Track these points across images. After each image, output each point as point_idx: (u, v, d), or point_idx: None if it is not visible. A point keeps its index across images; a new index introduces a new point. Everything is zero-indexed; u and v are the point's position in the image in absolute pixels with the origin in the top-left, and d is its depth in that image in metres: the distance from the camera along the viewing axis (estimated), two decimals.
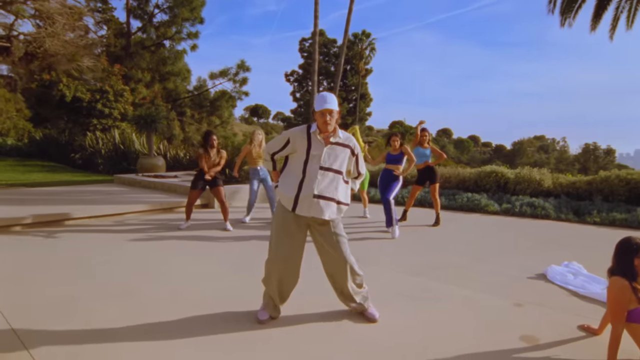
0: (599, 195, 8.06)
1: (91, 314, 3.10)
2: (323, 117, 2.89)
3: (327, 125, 2.90)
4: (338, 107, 2.96)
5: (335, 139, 2.99)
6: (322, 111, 2.90)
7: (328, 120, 2.89)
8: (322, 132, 2.95)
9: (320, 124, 2.93)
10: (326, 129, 2.92)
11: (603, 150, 76.60)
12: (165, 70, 23.71)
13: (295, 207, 2.92)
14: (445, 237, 6.10)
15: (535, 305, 3.50)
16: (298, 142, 2.98)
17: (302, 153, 2.96)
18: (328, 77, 48.22)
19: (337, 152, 2.99)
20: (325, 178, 2.92)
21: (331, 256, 3.03)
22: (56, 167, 16.98)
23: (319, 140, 2.95)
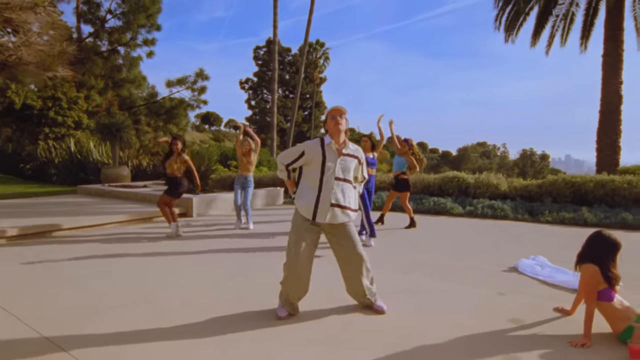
0: (548, 197, 8.97)
1: (112, 320, 3.23)
2: (334, 119, 3.24)
3: (339, 125, 3.23)
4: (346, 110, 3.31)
5: (347, 150, 3.31)
6: (333, 112, 3.27)
7: (339, 120, 3.23)
8: (334, 137, 3.26)
9: (332, 126, 3.25)
10: (338, 131, 3.24)
11: (539, 156, 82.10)
12: (120, 77, 23.03)
13: (315, 217, 3.25)
14: (422, 239, 6.60)
15: (515, 294, 4.02)
16: (313, 154, 3.27)
17: (317, 165, 3.25)
18: (283, 85, 48.56)
19: (348, 163, 3.31)
20: (339, 187, 3.25)
21: (348, 255, 3.36)
22: (4, 178, 16.09)
23: (333, 152, 3.25)
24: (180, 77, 23.49)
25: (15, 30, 6.13)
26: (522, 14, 16.73)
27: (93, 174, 14.15)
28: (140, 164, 14.94)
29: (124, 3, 21.98)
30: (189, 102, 24.23)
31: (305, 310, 3.47)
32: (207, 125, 77.04)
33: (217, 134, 67.79)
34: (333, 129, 3.26)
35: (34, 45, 6.52)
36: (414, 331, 3.14)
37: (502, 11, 16.97)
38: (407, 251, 5.76)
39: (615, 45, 14.62)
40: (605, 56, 14.82)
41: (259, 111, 49.22)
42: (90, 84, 20.80)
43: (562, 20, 16.95)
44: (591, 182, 8.62)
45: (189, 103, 24.26)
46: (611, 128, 14.51)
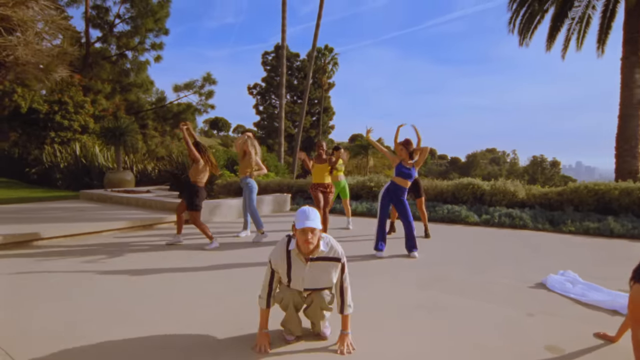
0: (570, 206, 8.50)
1: (91, 344, 2.87)
2: (304, 235, 2.69)
3: (309, 244, 2.70)
4: (321, 225, 2.77)
5: (317, 254, 2.80)
6: (304, 229, 2.68)
7: (310, 239, 2.69)
8: (303, 252, 2.77)
9: (301, 243, 2.72)
10: (307, 249, 2.73)
11: (549, 162, 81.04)
12: (128, 81, 22.98)
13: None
14: (437, 249, 6.19)
15: (546, 315, 3.59)
16: (279, 265, 2.86)
17: (283, 275, 2.87)
18: (291, 91, 48.42)
19: (321, 269, 2.83)
20: (310, 297, 2.91)
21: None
22: (9, 182, 15.95)
23: (298, 260, 2.81)
24: (187, 82, 23.39)
25: (12, 29, 5.91)
26: (537, 16, 16.28)
27: (97, 179, 13.93)
28: (145, 169, 14.70)
29: (132, 7, 21.96)
30: (196, 107, 24.09)
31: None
32: (216, 130, 77.21)
33: (226, 139, 67.79)
34: (301, 244, 2.74)
35: (32, 45, 6.27)
36: (434, 356, 2.74)
37: (516, 13, 16.53)
38: (422, 263, 5.34)
39: (634, 48, 14.11)
40: (624, 59, 14.30)
41: (267, 116, 49.09)
42: (98, 88, 20.71)
43: (578, 24, 16.47)
44: (616, 189, 8.13)
45: (196, 107, 24.13)
46: (631, 133, 13.96)
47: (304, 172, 36.18)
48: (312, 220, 2.68)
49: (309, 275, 2.81)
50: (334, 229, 7.44)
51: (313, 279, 2.83)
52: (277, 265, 2.85)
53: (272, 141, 42.57)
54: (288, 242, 2.85)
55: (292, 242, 2.82)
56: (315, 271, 2.82)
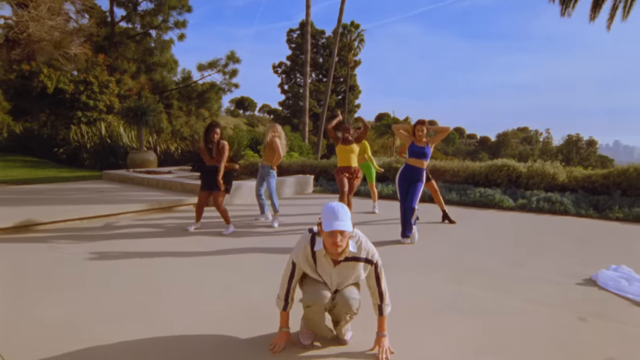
0: (617, 190, 7.80)
1: (92, 340, 2.61)
2: (332, 237, 2.31)
3: (337, 247, 2.33)
4: (352, 227, 2.38)
5: (345, 255, 2.44)
6: (333, 232, 2.30)
7: (339, 242, 2.31)
8: (331, 254, 2.41)
9: (328, 245, 2.35)
10: (336, 252, 2.37)
11: (585, 142, 77.56)
12: (152, 61, 22.88)
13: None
14: (469, 237, 5.72)
15: (600, 319, 3.13)
16: (302, 265, 2.55)
17: (309, 272, 2.57)
18: (317, 69, 47.58)
19: (349, 269, 2.52)
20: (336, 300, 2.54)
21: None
22: (39, 162, 16.19)
23: (325, 262, 2.48)
24: (211, 60, 23.09)
25: (24, 4, 5.66)
26: None
27: (122, 159, 13.93)
28: (168, 149, 14.60)
29: None
30: (220, 86, 23.82)
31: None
32: (242, 110, 77.30)
33: (252, 119, 67.88)
34: (329, 248, 2.37)
35: (44, 21, 6.01)
36: None
37: None
38: (452, 254, 4.88)
39: None
40: None
41: (291, 95, 48.54)
42: (123, 67, 20.68)
43: None
44: None
45: (220, 87, 23.86)
46: None
47: (328, 152, 35.69)
48: (341, 221, 2.30)
49: (336, 275, 2.52)
50: (359, 213, 7.04)
51: (341, 279, 2.55)
52: (301, 264, 2.55)
53: (296, 120, 42.12)
54: (312, 239, 2.49)
55: (318, 242, 2.45)
56: (343, 271, 2.53)
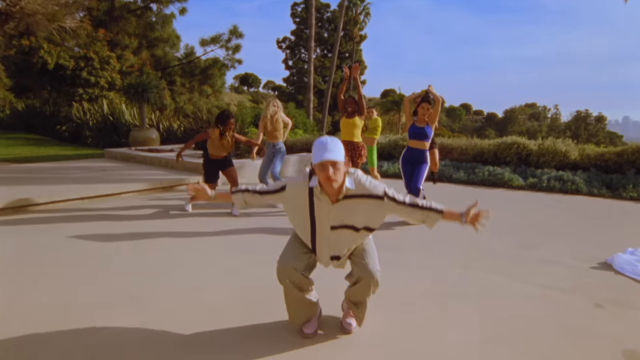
0: (631, 168, 7.56)
1: (89, 327, 2.51)
2: (324, 170, 2.06)
3: (332, 182, 2.07)
4: (345, 157, 2.15)
5: (344, 193, 2.17)
6: (323, 164, 2.06)
7: (331, 175, 2.05)
8: (326, 191, 2.17)
9: (323, 181, 2.10)
10: (332, 188, 2.11)
11: (594, 118, 76.27)
12: (153, 36, 22.39)
13: (315, 252, 2.41)
14: None
15: (617, 307, 2.99)
16: (296, 196, 2.27)
17: (304, 212, 2.27)
18: (321, 44, 46.66)
19: (352, 206, 2.21)
20: (340, 236, 2.29)
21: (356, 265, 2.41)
22: (41, 140, 16.07)
23: (322, 201, 2.21)
24: (214, 35, 22.48)
25: None
26: None
27: (125, 137, 13.78)
28: (171, 126, 14.40)
29: None
30: (223, 62, 23.34)
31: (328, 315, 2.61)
32: (246, 86, 76.48)
33: (256, 96, 67.15)
34: (324, 183, 2.12)
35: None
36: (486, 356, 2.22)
37: None
38: (457, 235, 4.71)
39: None
40: None
41: (296, 71, 47.81)
42: (125, 43, 20.27)
43: None
44: None
45: (223, 62, 23.38)
46: None
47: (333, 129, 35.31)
48: (331, 152, 2.06)
49: (334, 213, 2.21)
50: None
51: (341, 214, 2.22)
52: (294, 194, 2.27)
53: (301, 97, 41.57)
54: (310, 176, 2.24)
55: (313, 179, 2.19)
56: (342, 209, 2.21)
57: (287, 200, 2.32)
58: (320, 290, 2.57)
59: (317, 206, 2.22)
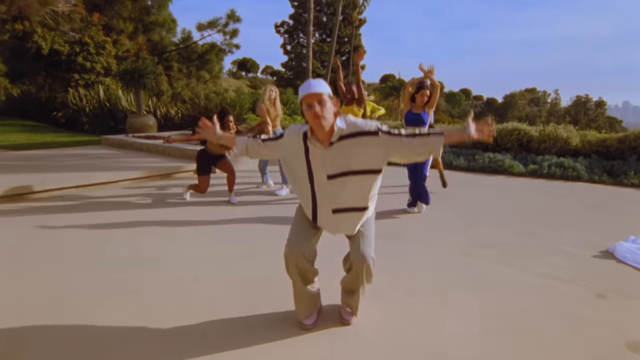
0: (633, 154, 7.49)
1: (83, 316, 2.47)
2: (310, 108, 1.98)
3: (320, 119, 1.98)
4: (330, 91, 2.07)
5: (337, 134, 2.07)
6: (307, 98, 1.98)
7: (318, 111, 1.97)
8: (317, 133, 2.07)
9: (311, 121, 2.01)
10: (320, 126, 2.00)
11: (594, 103, 75.85)
12: (149, 20, 22.01)
13: (315, 220, 2.31)
14: (476, 205, 5.52)
15: (620, 297, 2.95)
16: (292, 145, 2.19)
17: (301, 163, 2.18)
18: (320, 28, 46.05)
19: (349, 147, 2.09)
20: (341, 185, 2.15)
21: (351, 249, 2.33)
22: (38, 126, 15.92)
23: (316, 146, 2.11)
24: (211, 20, 22.20)
25: None
26: None
27: (122, 123, 13.64)
28: (168, 112, 14.25)
29: None
30: (221, 47, 23.05)
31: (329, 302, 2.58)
32: (244, 71, 75.73)
33: (254, 81, 66.55)
34: (312, 123, 2.03)
35: None
36: (487, 349, 2.19)
37: None
38: (458, 224, 4.67)
39: None
40: None
41: (294, 56, 47.31)
42: (120, 27, 19.94)
43: None
44: None
45: (220, 47, 23.09)
46: None
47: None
48: (314, 87, 2.01)
49: (330, 157, 2.10)
50: None
51: (338, 160, 2.10)
52: (291, 143, 2.20)
53: (299, 82, 41.21)
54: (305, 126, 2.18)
55: (306, 126, 2.14)
56: (338, 152, 2.09)
57: (285, 149, 2.25)
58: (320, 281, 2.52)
59: (312, 153, 2.13)
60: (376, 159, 2.12)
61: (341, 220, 2.25)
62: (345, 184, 2.15)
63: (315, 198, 2.23)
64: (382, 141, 2.08)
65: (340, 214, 2.23)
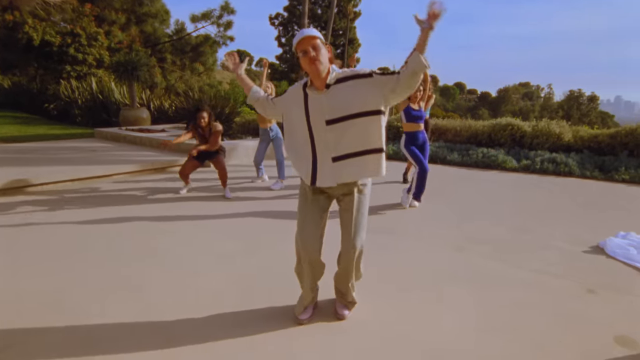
0: (624, 150, 7.59)
1: (82, 312, 2.49)
2: (305, 55, 2.08)
3: (315, 62, 2.06)
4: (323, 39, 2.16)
5: (333, 78, 2.16)
6: (301, 44, 2.09)
7: (312, 54, 2.06)
8: (315, 81, 2.16)
9: (307, 66, 2.10)
10: (317, 71, 2.08)
11: (587, 97, 76.27)
12: (142, 11, 21.75)
13: (315, 180, 2.27)
14: (471, 200, 5.57)
15: (610, 292, 3.01)
16: (293, 96, 2.29)
17: (300, 112, 2.24)
18: (315, 21, 45.75)
19: (345, 90, 2.15)
20: (341, 132, 2.17)
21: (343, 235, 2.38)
22: (30, 118, 15.75)
23: (314, 93, 2.18)
24: (205, 11, 21.98)
25: None
26: None
27: (115, 115, 13.53)
28: (162, 105, 14.16)
29: None
30: (215, 39, 22.88)
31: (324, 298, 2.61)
32: None
33: (248, 73, 65.65)
34: (309, 69, 2.12)
35: None
36: (481, 344, 2.23)
37: None
38: (452, 219, 4.72)
39: None
40: None
41: (289, 49, 47.03)
42: (112, 18, 19.69)
43: None
44: None
45: (214, 39, 22.92)
46: None
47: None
48: (307, 32, 2.12)
49: (327, 99, 2.16)
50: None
51: (336, 104, 2.15)
52: (291, 95, 2.31)
53: (295, 75, 41.07)
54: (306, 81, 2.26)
55: (306, 79, 2.25)
56: (335, 94, 2.15)
57: (287, 102, 2.34)
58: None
59: (311, 100, 2.20)
60: (373, 99, 2.15)
61: (342, 167, 2.23)
62: (345, 130, 2.17)
63: (315, 150, 2.25)
64: (377, 82, 2.13)
65: (341, 161, 2.22)
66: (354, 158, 2.21)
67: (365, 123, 2.16)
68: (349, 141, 2.19)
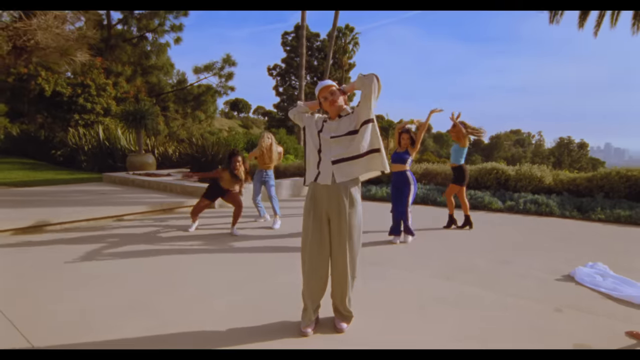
0: (600, 192, 8.16)
1: (108, 332, 2.88)
2: (326, 99, 2.89)
3: (334, 103, 2.87)
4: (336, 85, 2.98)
5: (345, 112, 2.95)
6: (323, 91, 2.91)
7: (330, 97, 2.87)
8: (331, 114, 2.95)
9: (328, 107, 2.92)
10: (335, 110, 2.89)
11: (577, 144, 78.24)
12: (148, 64, 23.06)
13: (317, 176, 2.89)
14: (460, 238, 6.03)
15: (575, 311, 3.44)
16: (316, 121, 3.00)
17: (316, 130, 2.96)
18: (312, 72, 47.88)
19: (345, 121, 2.91)
20: (340, 143, 2.87)
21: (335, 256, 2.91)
22: (37, 164, 16.32)
23: (329, 123, 2.95)
24: (207, 64, 23.32)
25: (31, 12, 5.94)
26: None
27: (121, 161, 14.14)
28: (166, 151, 14.81)
29: None
30: (216, 89, 24.06)
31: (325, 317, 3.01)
32: (236, 112, 77.27)
33: (246, 121, 67.95)
34: (329, 109, 2.94)
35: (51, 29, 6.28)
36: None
37: None
38: (444, 252, 5.19)
39: None
40: None
41: (286, 98, 48.84)
42: (119, 70, 20.85)
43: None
44: None
45: (216, 89, 24.11)
46: None
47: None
48: (325, 82, 2.95)
49: (335, 125, 2.89)
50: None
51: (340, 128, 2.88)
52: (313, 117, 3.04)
53: (292, 123, 42.39)
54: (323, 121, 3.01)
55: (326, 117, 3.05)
56: (341, 122, 2.90)
57: (311, 121, 3.01)
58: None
59: (326, 125, 2.94)
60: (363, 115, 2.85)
61: (338, 169, 2.85)
62: (342, 141, 2.86)
63: (320, 156, 2.90)
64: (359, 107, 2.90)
65: (337, 164, 2.85)
66: (346, 162, 2.85)
67: (360, 134, 2.83)
68: (345, 145, 2.86)
